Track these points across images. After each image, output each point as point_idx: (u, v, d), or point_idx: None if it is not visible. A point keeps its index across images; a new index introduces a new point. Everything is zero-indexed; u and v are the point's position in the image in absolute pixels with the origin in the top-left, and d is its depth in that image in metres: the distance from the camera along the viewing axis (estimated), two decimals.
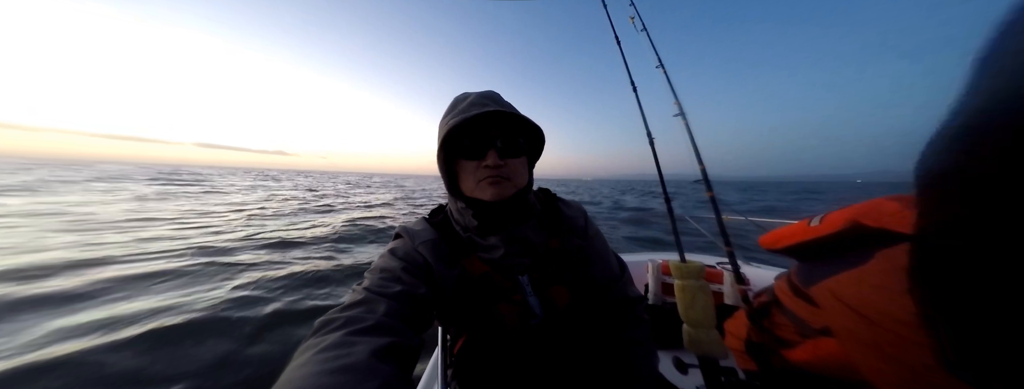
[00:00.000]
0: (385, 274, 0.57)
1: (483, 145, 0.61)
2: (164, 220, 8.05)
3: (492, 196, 0.62)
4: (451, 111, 0.64)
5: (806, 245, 0.66)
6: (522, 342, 0.63)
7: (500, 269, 0.65)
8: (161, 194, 15.50)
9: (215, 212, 10.04)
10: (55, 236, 5.84)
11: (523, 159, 0.67)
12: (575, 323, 0.67)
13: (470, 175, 0.63)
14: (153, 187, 20.47)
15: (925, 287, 0.37)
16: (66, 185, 19.80)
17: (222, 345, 2.45)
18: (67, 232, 6.24)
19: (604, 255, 0.77)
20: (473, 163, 0.62)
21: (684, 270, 0.99)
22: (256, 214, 9.86)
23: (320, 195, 19.85)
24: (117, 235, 6.15)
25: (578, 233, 0.74)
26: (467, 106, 0.62)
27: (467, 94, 0.66)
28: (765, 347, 0.70)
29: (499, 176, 0.61)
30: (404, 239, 0.66)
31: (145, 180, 30.00)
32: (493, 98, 0.64)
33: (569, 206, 0.78)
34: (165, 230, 6.81)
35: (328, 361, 0.36)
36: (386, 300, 0.50)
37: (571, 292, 0.67)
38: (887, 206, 0.53)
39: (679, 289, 0.97)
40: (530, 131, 0.67)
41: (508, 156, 0.62)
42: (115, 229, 6.69)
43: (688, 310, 0.94)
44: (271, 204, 13.10)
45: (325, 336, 0.41)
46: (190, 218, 8.58)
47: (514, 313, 0.63)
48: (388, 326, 0.45)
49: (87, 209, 9.44)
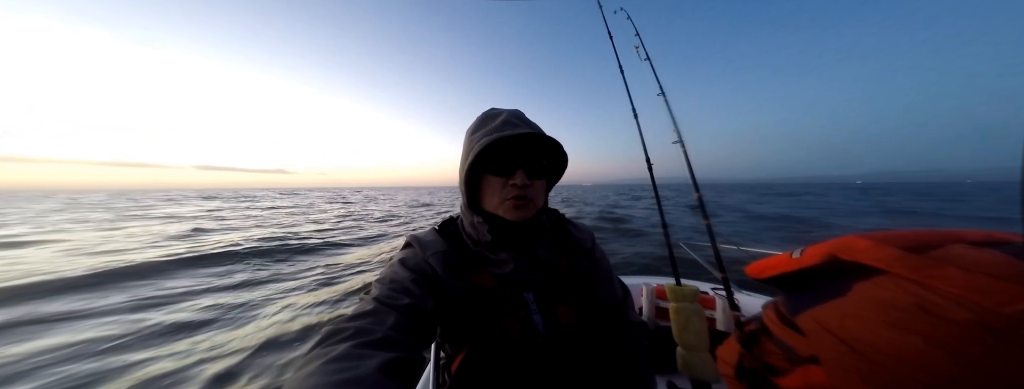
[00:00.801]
0: (395, 285, 0.57)
1: (513, 164, 0.63)
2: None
3: (516, 218, 0.64)
4: (482, 126, 0.65)
5: (789, 276, 0.71)
6: (524, 359, 0.63)
7: (508, 284, 0.66)
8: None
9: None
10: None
11: (544, 181, 0.69)
12: (578, 343, 0.68)
13: (496, 192, 0.64)
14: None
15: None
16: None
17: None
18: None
19: (609, 278, 0.79)
20: (500, 180, 0.63)
21: (679, 293, 1.02)
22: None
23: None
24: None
25: (585, 255, 0.76)
26: (500, 124, 0.63)
27: (498, 111, 0.69)
28: (756, 373, 0.72)
29: (524, 197, 0.63)
30: (414, 249, 0.67)
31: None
32: (522, 119, 0.67)
33: (578, 228, 0.80)
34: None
35: (336, 373, 0.37)
36: (395, 313, 0.50)
37: (575, 312, 0.68)
38: (859, 243, 0.58)
39: (674, 312, 1.00)
40: (554, 155, 0.70)
41: (533, 177, 0.65)
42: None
43: (682, 333, 0.97)
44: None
45: (334, 346, 0.42)
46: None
47: (518, 329, 0.63)
48: (395, 340, 0.46)
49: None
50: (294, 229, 10.08)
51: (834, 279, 0.61)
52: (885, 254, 0.56)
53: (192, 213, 17.40)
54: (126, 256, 6.23)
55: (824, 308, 0.58)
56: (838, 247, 0.61)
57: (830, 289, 0.59)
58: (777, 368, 0.68)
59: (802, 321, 0.63)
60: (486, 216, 0.66)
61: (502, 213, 0.64)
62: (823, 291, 0.61)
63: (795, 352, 0.65)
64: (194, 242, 7.94)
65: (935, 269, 0.48)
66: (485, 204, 0.66)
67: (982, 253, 0.49)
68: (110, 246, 7.57)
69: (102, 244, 7.86)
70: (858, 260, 0.57)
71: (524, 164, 0.63)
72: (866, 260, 0.56)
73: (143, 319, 3.33)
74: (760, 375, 0.72)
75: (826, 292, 0.60)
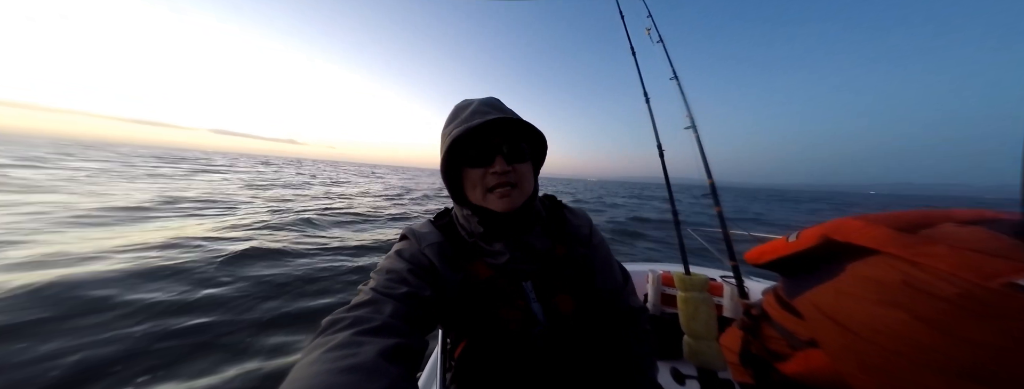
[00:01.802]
0: (391, 275, 0.57)
1: (489, 152, 0.61)
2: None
3: (504, 208, 0.62)
4: (453, 120, 0.64)
5: (786, 260, 0.71)
6: (524, 348, 0.63)
7: (505, 274, 0.65)
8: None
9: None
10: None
11: (528, 164, 0.67)
12: (578, 331, 0.67)
13: (478, 183, 0.62)
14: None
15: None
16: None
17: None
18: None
19: (608, 264, 0.77)
20: (480, 171, 0.62)
21: (688, 282, 1.00)
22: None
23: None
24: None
25: (583, 241, 0.74)
26: (470, 115, 0.61)
27: (469, 102, 0.66)
28: (759, 359, 0.72)
29: (507, 183, 0.61)
30: (410, 241, 0.66)
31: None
32: (494, 105, 0.64)
33: (575, 214, 0.78)
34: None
35: (337, 360, 0.37)
36: (392, 301, 0.50)
37: (575, 300, 0.67)
38: (852, 224, 0.59)
39: (682, 301, 0.98)
40: (533, 137, 0.68)
41: (515, 161, 0.62)
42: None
43: (690, 322, 0.95)
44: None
45: (333, 335, 0.42)
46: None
47: (517, 319, 0.62)
48: (394, 327, 0.46)
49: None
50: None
51: (829, 261, 0.60)
52: (877, 234, 0.56)
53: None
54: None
55: (819, 290, 0.58)
56: (832, 229, 0.61)
57: (825, 271, 0.59)
58: (779, 354, 0.67)
59: (800, 304, 0.62)
60: (474, 208, 0.64)
61: (489, 205, 0.62)
62: (818, 273, 0.61)
63: (795, 336, 0.64)
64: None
65: (924, 247, 0.48)
66: (471, 197, 0.65)
67: (969, 230, 0.50)
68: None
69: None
70: (851, 240, 0.57)
71: (501, 150, 0.61)
72: (858, 240, 0.56)
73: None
74: (764, 361, 0.71)
75: (821, 274, 0.59)
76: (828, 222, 0.65)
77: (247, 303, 2.95)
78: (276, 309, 2.90)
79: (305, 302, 3.09)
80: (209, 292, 3.08)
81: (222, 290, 3.14)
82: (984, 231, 0.50)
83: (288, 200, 10.40)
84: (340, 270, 4.03)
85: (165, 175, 15.91)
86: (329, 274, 3.86)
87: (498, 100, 0.66)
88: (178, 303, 2.81)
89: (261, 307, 2.89)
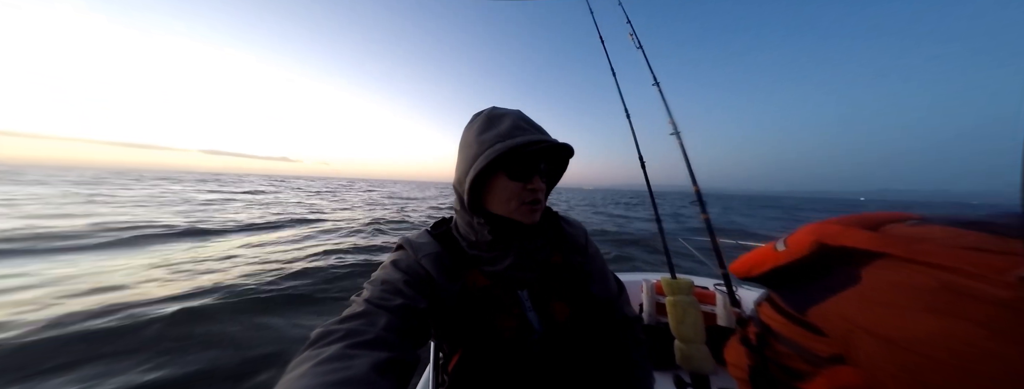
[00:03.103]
0: (386, 286, 0.56)
1: (532, 169, 0.63)
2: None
3: (531, 221, 0.64)
4: (490, 129, 0.63)
5: (782, 270, 0.67)
6: (520, 357, 0.62)
7: (501, 283, 0.65)
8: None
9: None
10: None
11: (544, 184, 0.69)
12: (574, 340, 0.67)
13: (512, 195, 0.63)
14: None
15: None
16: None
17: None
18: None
19: (603, 273, 0.78)
20: (518, 185, 0.62)
21: (674, 287, 1.00)
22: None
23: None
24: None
25: (579, 250, 0.75)
26: (511, 128, 0.62)
27: (502, 111, 0.67)
28: (773, 378, 0.67)
29: (538, 201, 0.64)
30: (406, 251, 0.66)
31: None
32: (529, 121, 0.65)
33: (570, 224, 0.79)
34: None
35: (327, 373, 0.36)
36: (386, 313, 0.49)
37: (571, 308, 0.67)
38: (832, 228, 0.58)
39: (670, 305, 0.98)
40: (557, 159, 0.71)
41: (544, 182, 0.66)
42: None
43: (679, 326, 0.95)
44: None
45: (324, 348, 0.41)
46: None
47: (512, 327, 0.62)
48: (388, 340, 0.45)
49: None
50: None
51: (831, 268, 0.58)
52: (864, 236, 0.54)
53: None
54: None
55: (838, 300, 0.54)
56: (821, 234, 0.59)
57: (836, 279, 0.55)
58: (797, 371, 0.63)
59: (815, 317, 0.58)
60: (488, 216, 0.65)
61: (518, 217, 0.64)
62: (828, 282, 0.57)
63: (812, 353, 0.60)
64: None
65: (921, 246, 0.46)
66: (492, 206, 0.65)
67: (930, 228, 0.50)
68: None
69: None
70: (845, 244, 0.55)
71: (540, 169, 0.64)
72: (854, 244, 0.54)
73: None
74: (780, 380, 0.66)
75: (833, 283, 0.56)
76: (808, 227, 0.63)
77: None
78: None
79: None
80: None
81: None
82: (948, 228, 0.50)
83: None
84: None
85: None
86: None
87: (525, 115, 0.68)
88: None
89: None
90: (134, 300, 3.40)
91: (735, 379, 0.84)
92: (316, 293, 4.02)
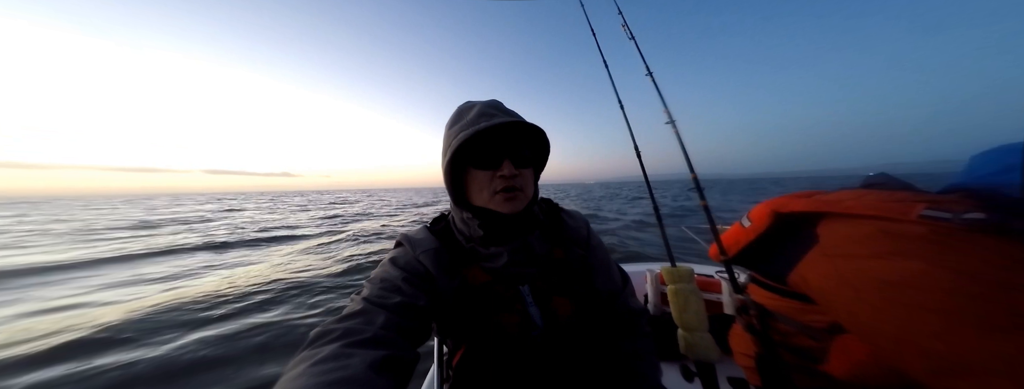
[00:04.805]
0: (385, 284, 0.56)
1: (498, 155, 0.61)
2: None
3: (509, 210, 0.62)
4: (458, 121, 0.63)
5: (754, 245, 0.73)
6: (523, 353, 0.62)
7: (502, 279, 0.65)
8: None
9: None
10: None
11: (531, 170, 0.67)
12: (576, 334, 0.67)
13: (484, 185, 0.62)
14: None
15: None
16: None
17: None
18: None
19: (606, 266, 0.77)
20: (487, 173, 0.61)
21: (675, 274, 1.00)
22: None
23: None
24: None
25: (580, 243, 0.74)
26: (476, 116, 0.61)
27: (472, 103, 0.66)
28: (786, 364, 0.68)
29: (514, 187, 0.61)
30: (405, 248, 0.66)
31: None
32: (499, 108, 0.64)
33: (572, 217, 0.78)
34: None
35: (324, 373, 0.36)
36: (385, 312, 0.49)
37: (573, 303, 0.67)
38: (781, 199, 0.67)
39: (672, 294, 0.99)
40: (536, 142, 0.68)
41: (520, 166, 0.63)
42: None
43: (681, 314, 0.95)
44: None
45: (321, 347, 0.41)
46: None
47: (515, 323, 0.62)
48: (385, 339, 0.45)
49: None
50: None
51: (790, 234, 0.65)
52: (808, 201, 0.62)
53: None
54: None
55: (807, 262, 0.59)
56: (774, 205, 0.68)
57: (799, 244, 0.61)
58: (809, 350, 0.65)
59: (796, 283, 0.62)
60: (475, 211, 0.64)
61: (494, 207, 0.62)
62: (793, 247, 0.63)
63: (811, 326, 0.63)
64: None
65: (850, 201, 0.55)
66: (473, 199, 0.64)
67: (842, 193, 0.59)
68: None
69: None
70: (795, 210, 0.63)
71: (509, 154, 0.61)
72: (797, 208, 0.62)
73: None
74: (796, 364, 0.68)
75: (797, 247, 0.61)
76: (763, 202, 0.70)
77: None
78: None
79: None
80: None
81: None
82: (852, 190, 0.59)
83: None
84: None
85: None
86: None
87: (500, 103, 0.66)
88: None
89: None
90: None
91: (741, 367, 0.85)
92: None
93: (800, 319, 0.65)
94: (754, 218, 0.72)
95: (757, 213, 0.71)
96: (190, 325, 3.65)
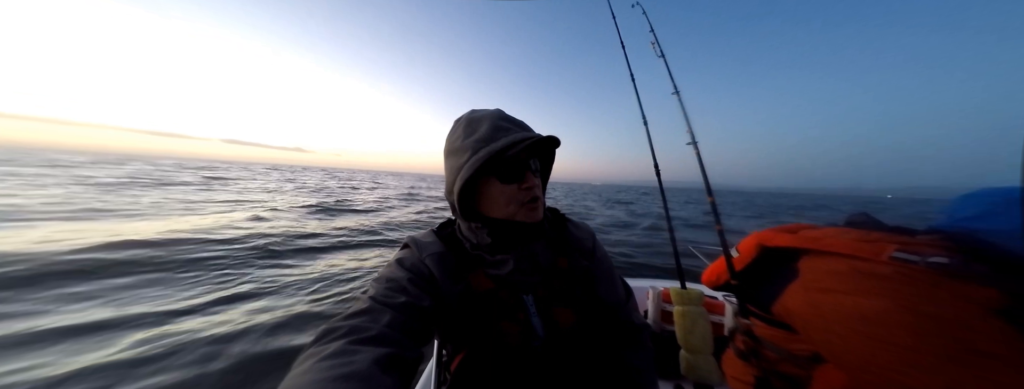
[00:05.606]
0: (391, 284, 0.57)
1: (520, 169, 0.62)
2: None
3: (534, 219, 0.63)
4: (471, 134, 0.61)
5: (743, 274, 0.76)
6: (523, 362, 0.63)
7: (506, 286, 0.65)
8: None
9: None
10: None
11: (539, 178, 0.68)
12: (578, 345, 0.67)
13: (508, 199, 0.62)
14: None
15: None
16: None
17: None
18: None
19: (611, 278, 0.77)
20: (511, 187, 0.61)
21: (685, 296, 1.01)
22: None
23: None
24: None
25: (586, 254, 0.74)
26: (492, 130, 0.60)
27: (479, 115, 0.65)
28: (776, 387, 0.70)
29: (536, 198, 0.63)
30: (411, 250, 0.66)
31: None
32: (510, 120, 0.64)
33: (578, 227, 0.78)
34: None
35: (330, 369, 0.36)
36: (390, 311, 0.50)
37: (575, 313, 0.67)
38: (767, 233, 0.70)
39: (679, 315, 1.00)
40: (546, 152, 0.70)
41: (537, 176, 0.65)
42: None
43: (687, 336, 0.96)
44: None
45: (327, 344, 0.42)
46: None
47: (516, 332, 0.62)
48: (390, 337, 0.46)
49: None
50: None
51: (775, 267, 0.68)
52: (790, 237, 0.66)
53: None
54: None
55: (789, 293, 0.63)
56: (760, 239, 0.71)
57: (783, 277, 0.65)
58: (797, 378, 0.67)
59: (780, 313, 0.66)
60: (484, 220, 0.65)
61: (520, 218, 0.63)
62: (778, 280, 0.67)
63: (794, 355, 0.67)
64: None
65: (828, 240, 0.58)
66: (490, 211, 0.65)
67: (827, 230, 0.63)
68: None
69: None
70: (777, 244, 0.67)
71: (529, 167, 0.63)
72: (784, 243, 0.66)
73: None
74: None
75: (781, 280, 0.65)
76: (752, 234, 0.75)
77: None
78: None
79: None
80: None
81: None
82: (835, 228, 0.62)
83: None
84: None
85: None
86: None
87: (505, 112, 0.66)
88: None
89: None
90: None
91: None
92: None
93: (786, 347, 0.67)
94: (742, 250, 0.75)
95: (745, 245, 0.75)
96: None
